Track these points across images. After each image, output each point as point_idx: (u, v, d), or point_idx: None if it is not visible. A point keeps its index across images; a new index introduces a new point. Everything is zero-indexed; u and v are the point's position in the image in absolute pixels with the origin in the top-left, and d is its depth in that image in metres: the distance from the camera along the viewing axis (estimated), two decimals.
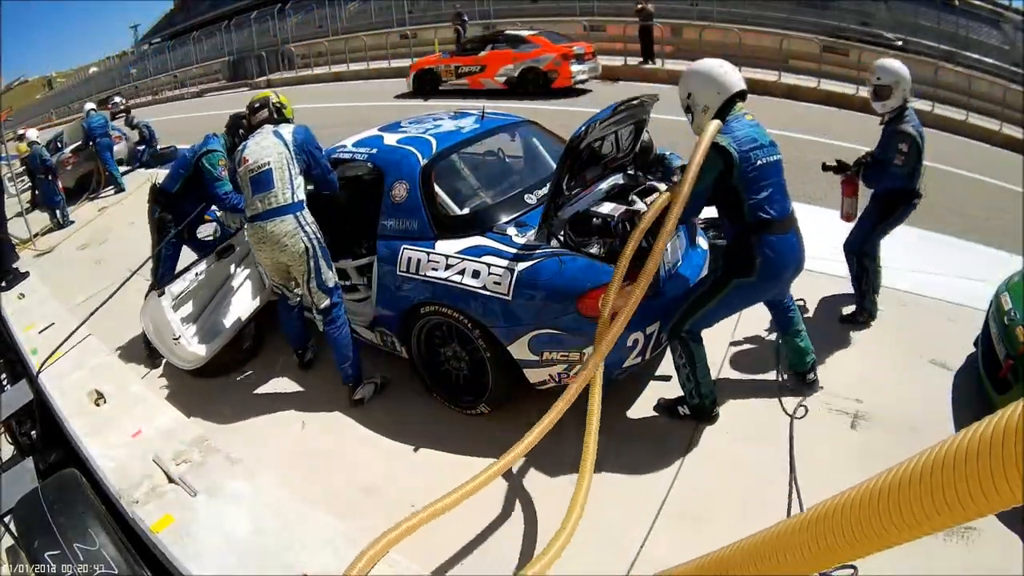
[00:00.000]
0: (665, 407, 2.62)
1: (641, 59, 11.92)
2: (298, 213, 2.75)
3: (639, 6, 11.48)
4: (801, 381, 2.66)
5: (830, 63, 10.82)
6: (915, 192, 2.95)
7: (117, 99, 13.42)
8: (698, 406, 2.49)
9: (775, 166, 2.23)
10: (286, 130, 2.87)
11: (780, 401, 2.60)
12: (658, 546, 2.03)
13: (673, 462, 2.37)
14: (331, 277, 2.83)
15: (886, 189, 2.99)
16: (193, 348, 2.93)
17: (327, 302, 2.80)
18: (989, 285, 2.81)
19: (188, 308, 3.05)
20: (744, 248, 2.22)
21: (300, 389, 3.09)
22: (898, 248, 3.92)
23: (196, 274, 3.01)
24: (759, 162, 2.16)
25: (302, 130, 2.89)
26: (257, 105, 3.00)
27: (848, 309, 3.24)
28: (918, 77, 10.85)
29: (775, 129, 2.36)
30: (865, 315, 3.17)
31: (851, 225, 3.21)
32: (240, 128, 3.58)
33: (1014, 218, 4.89)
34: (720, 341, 2.92)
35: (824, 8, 13.55)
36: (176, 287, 2.91)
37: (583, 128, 2.31)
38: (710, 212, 2.44)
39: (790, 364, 2.70)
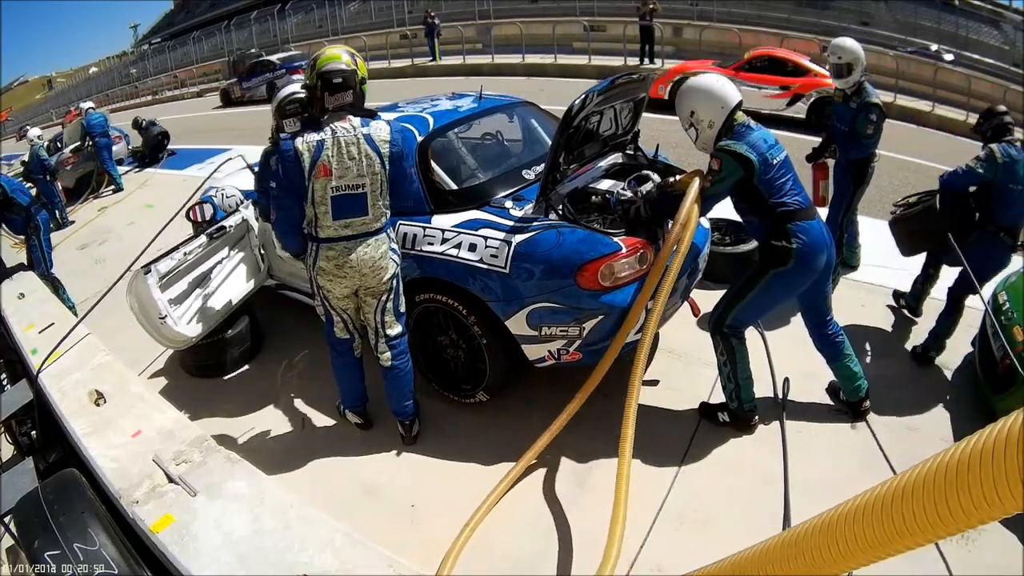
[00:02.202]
0: (706, 411, 2.59)
1: (639, 59, 11.94)
2: (388, 230, 2.35)
3: (649, 6, 11.49)
4: (856, 411, 2.52)
5: None
6: (874, 155, 3.26)
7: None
8: (736, 412, 2.46)
9: (786, 160, 2.28)
10: (380, 134, 2.20)
11: (779, 401, 2.60)
12: (658, 548, 2.02)
13: (672, 464, 2.37)
14: (403, 300, 2.47)
15: (856, 159, 3.24)
16: (180, 328, 2.88)
17: (399, 328, 2.47)
18: (989, 285, 2.81)
19: (177, 288, 3.02)
20: (778, 238, 2.23)
21: (300, 389, 3.09)
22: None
23: (185, 254, 2.97)
24: (774, 160, 2.22)
25: (399, 137, 2.27)
26: (339, 81, 2.12)
27: None
28: (918, 77, 10.86)
29: (776, 130, 2.38)
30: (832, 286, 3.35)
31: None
32: None
33: None
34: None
35: (824, 8, 13.57)
36: (163, 266, 2.86)
37: (580, 99, 2.32)
38: (717, 213, 2.45)
39: (843, 395, 2.57)
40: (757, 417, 2.49)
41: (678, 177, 2.41)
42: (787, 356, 2.77)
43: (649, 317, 2.23)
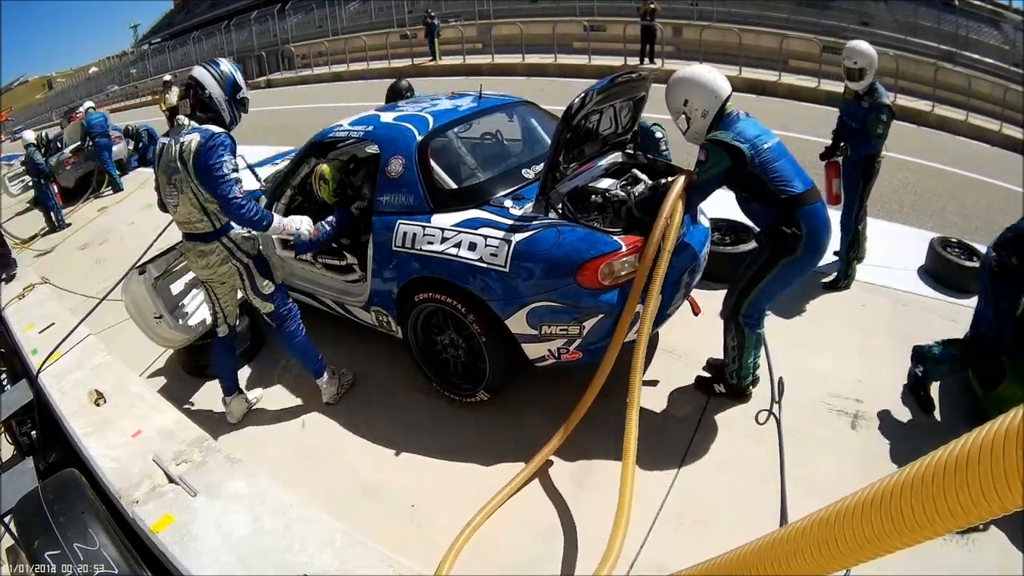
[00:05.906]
0: (703, 384, 2.71)
1: (639, 59, 11.94)
2: None
3: (650, 6, 11.48)
4: (718, 378, 2.70)
5: (830, 63, 10.81)
6: (880, 151, 3.34)
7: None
8: (734, 386, 2.61)
9: (779, 146, 2.30)
10: None
11: (772, 404, 2.60)
12: (658, 547, 2.02)
13: (672, 464, 2.37)
14: None
15: (865, 156, 3.33)
16: (175, 328, 2.88)
17: None
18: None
19: (172, 289, 3.01)
20: (786, 224, 2.25)
21: (300, 389, 3.09)
22: (900, 248, 3.93)
23: (181, 255, 2.98)
24: (766, 145, 2.24)
25: None
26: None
27: (828, 278, 3.52)
28: (918, 77, 10.83)
29: (775, 129, 2.38)
30: (846, 281, 3.50)
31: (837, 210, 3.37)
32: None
33: (1014, 219, 4.88)
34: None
35: (824, 8, 13.55)
36: (159, 266, 2.87)
37: (579, 98, 2.32)
38: (717, 213, 2.45)
39: (714, 359, 2.74)
40: (752, 388, 2.61)
41: (670, 179, 2.41)
42: (786, 352, 2.76)
43: (643, 314, 2.22)
